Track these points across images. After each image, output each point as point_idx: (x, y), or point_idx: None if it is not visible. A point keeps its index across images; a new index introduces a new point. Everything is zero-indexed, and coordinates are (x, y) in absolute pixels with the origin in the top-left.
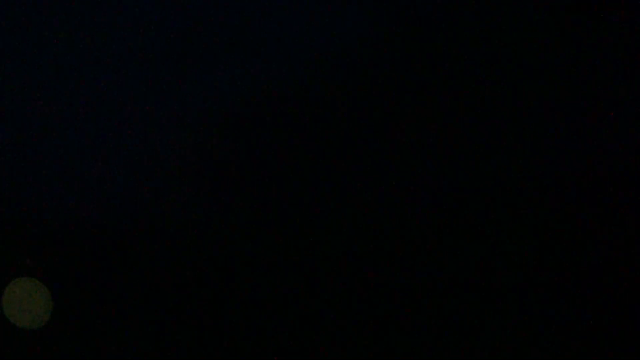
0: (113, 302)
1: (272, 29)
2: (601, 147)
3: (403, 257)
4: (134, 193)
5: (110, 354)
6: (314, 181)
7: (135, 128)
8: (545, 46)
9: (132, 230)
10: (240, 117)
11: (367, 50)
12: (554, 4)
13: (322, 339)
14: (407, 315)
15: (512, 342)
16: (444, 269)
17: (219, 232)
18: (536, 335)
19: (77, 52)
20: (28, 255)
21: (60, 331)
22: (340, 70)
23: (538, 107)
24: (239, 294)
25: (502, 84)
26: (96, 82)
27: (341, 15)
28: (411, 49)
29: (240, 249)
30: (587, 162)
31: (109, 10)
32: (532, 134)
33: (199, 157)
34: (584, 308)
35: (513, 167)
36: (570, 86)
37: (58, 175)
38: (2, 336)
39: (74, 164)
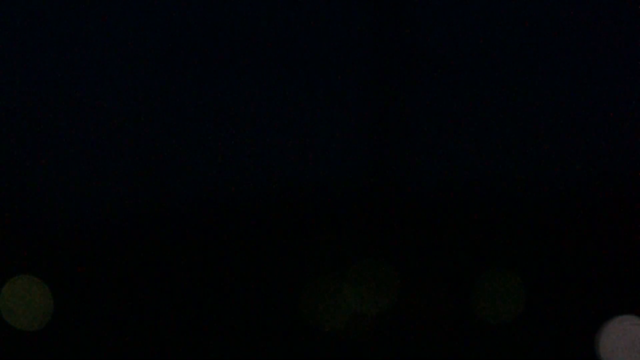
0: (112, 301)
1: None
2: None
3: None
4: (134, 194)
5: (110, 354)
6: None
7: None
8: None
9: (132, 231)
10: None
11: None
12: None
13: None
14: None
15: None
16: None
17: (217, 233)
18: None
19: (73, 61)
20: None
21: (61, 331)
22: None
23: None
24: (239, 295)
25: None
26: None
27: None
28: None
29: (241, 252)
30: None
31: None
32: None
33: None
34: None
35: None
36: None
37: (58, 176)
38: (1, 337)
39: (74, 166)
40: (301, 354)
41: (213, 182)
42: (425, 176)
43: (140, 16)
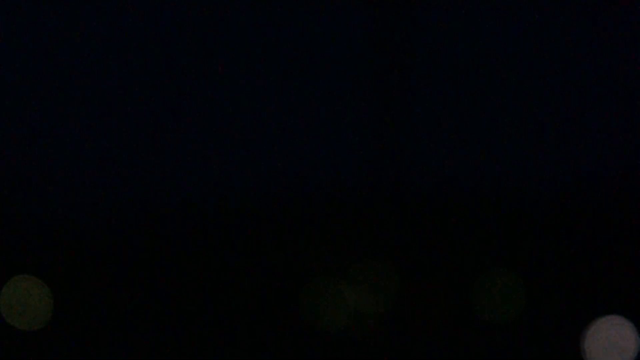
0: (113, 302)
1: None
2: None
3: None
4: (136, 193)
5: (110, 354)
6: None
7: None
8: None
9: (133, 231)
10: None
11: None
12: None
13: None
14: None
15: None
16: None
17: (217, 232)
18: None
19: (73, 59)
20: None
21: (61, 331)
22: None
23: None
24: (238, 294)
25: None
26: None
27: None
28: None
29: (242, 254)
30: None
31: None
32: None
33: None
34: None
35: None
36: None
37: (58, 176)
38: (1, 337)
39: (74, 166)
40: (301, 354)
41: (212, 182)
42: (426, 176)
43: (143, 14)
